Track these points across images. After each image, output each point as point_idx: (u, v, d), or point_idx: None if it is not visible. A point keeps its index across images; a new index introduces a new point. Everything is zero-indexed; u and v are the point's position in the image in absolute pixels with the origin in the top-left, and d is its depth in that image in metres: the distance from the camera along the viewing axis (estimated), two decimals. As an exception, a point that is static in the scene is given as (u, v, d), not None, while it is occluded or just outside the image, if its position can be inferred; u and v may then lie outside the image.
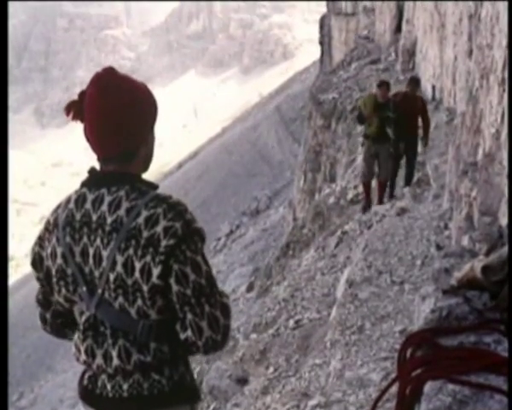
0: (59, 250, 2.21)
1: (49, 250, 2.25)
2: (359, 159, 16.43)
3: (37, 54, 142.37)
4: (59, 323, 2.41)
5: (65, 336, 2.45)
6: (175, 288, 2.09)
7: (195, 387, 2.31)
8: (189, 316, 2.10)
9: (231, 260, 28.51)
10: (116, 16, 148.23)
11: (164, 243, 2.06)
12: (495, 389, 2.19)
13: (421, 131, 11.47)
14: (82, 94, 2.19)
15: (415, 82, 11.52)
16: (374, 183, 11.97)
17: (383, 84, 11.07)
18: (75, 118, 2.20)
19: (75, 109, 2.19)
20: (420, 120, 11.40)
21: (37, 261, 2.31)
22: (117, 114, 2.13)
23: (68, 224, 2.20)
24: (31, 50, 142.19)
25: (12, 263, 71.12)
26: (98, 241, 2.13)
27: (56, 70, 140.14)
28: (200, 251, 2.13)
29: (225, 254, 30.84)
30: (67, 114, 2.21)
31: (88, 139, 2.19)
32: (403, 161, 11.61)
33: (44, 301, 2.39)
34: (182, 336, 2.13)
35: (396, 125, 10.76)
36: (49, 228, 2.27)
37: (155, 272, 2.07)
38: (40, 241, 2.30)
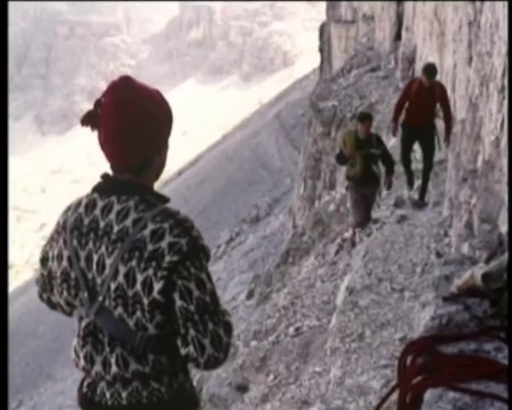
0: (65, 253, 2.22)
1: (55, 251, 2.26)
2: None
3: (37, 61, 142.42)
4: (53, 302, 2.44)
5: (62, 312, 2.48)
6: (178, 303, 2.07)
7: (195, 395, 2.31)
8: (192, 332, 2.08)
9: (231, 268, 28.51)
10: (116, 24, 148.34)
11: (168, 258, 2.05)
12: (495, 396, 2.19)
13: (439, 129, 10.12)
14: (97, 102, 2.19)
15: (430, 69, 9.79)
16: None
17: (366, 118, 9.62)
18: (90, 126, 2.20)
19: (90, 119, 2.19)
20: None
21: (44, 259, 2.34)
22: (133, 124, 2.13)
23: (76, 228, 2.20)
24: (31, 58, 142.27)
25: (12, 270, 71.05)
26: (103, 248, 2.13)
27: (57, 77, 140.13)
28: (204, 268, 2.12)
29: (225, 262, 30.82)
30: (83, 125, 2.20)
31: (102, 148, 2.19)
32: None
33: (42, 286, 2.43)
34: (183, 352, 2.12)
35: (383, 161, 9.68)
36: (59, 229, 2.28)
37: (157, 287, 2.06)
38: (51, 241, 2.32)
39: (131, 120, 2.13)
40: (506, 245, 3.99)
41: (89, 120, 2.19)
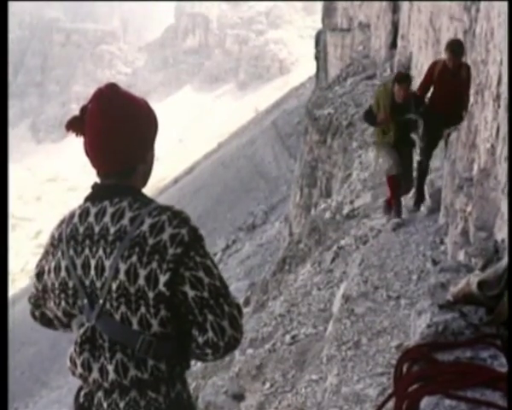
0: (63, 264, 2.22)
1: (52, 264, 2.26)
2: (355, 174, 16.45)
3: (33, 69, 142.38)
4: (47, 318, 2.46)
5: (55, 328, 2.50)
6: (191, 294, 2.10)
7: (192, 404, 2.30)
8: (210, 317, 2.11)
9: (227, 275, 28.46)
10: (112, 31, 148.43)
11: (171, 251, 2.07)
12: (491, 404, 2.19)
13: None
14: (83, 109, 2.21)
15: (456, 46, 8.13)
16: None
17: (404, 80, 8.16)
18: (75, 132, 2.23)
19: (76, 124, 2.22)
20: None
21: (40, 273, 2.34)
22: (118, 130, 2.16)
23: (72, 237, 2.21)
24: (27, 65, 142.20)
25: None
26: (100, 251, 2.14)
27: (53, 85, 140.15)
28: (208, 255, 2.16)
29: (221, 270, 30.26)
30: (68, 131, 2.23)
31: (87, 154, 2.21)
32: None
33: (35, 303, 2.45)
34: (201, 340, 2.13)
35: (426, 127, 8.34)
36: (54, 243, 2.28)
37: (162, 279, 2.07)
38: (46, 255, 2.32)
39: (116, 125, 2.15)
40: (502, 253, 4.00)
41: (74, 125, 2.22)
